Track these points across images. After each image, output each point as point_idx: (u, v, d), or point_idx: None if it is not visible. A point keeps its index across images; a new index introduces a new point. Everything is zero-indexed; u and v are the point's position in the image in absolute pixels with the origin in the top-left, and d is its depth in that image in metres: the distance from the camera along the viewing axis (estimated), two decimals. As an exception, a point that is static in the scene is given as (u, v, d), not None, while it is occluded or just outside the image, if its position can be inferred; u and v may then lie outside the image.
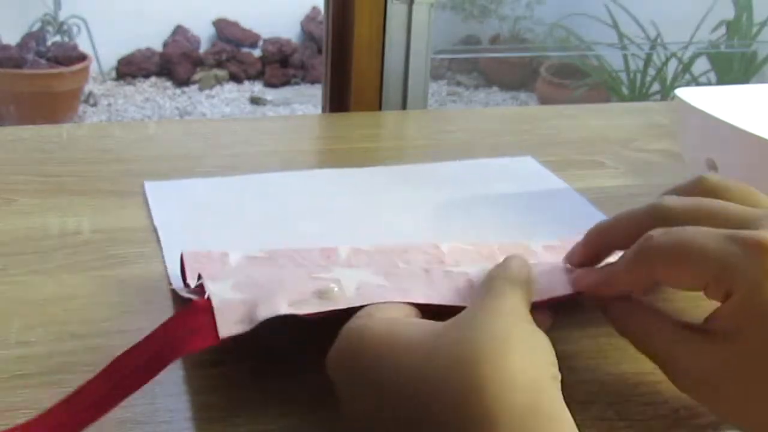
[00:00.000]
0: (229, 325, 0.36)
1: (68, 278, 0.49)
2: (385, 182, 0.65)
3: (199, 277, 0.40)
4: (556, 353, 0.38)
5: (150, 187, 0.61)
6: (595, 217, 0.60)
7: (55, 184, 0.61)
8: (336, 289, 0.38)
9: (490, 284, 0.37)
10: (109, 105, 3.11)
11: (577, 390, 0.41)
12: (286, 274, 0.40)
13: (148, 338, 0.35)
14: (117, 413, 0.38)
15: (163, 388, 0.40)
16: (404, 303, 0.39)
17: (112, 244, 0.53)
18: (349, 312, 0.37)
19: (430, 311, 0.38)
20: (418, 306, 0.39)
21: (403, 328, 0.34)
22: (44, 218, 0.56)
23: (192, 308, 0.37)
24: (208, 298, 0.37)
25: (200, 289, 0.39)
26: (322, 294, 0.38)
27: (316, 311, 0.37)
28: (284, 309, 0.37)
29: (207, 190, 0.61)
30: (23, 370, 0.40)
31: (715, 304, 0.36)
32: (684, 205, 0.38)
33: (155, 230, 0.54)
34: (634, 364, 0.43)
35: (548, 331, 0.37)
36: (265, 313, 0.36)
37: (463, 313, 0.34)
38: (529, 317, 0.35)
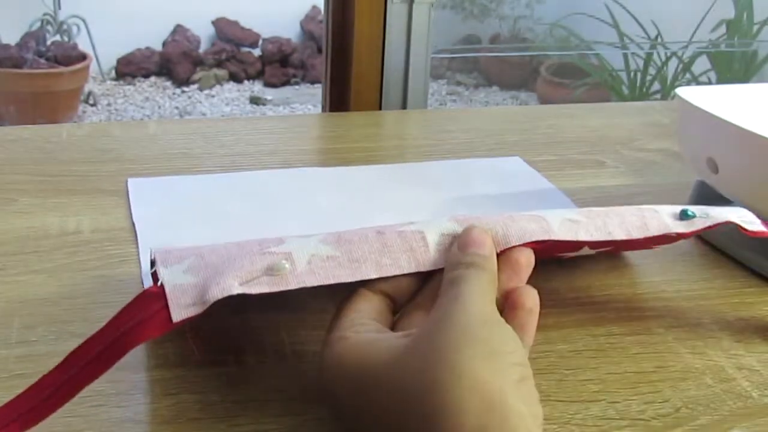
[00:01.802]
0: (181, 310, 0.36)
1: (68, 278, 0.49)
2: (371, 181, 0.65)
3: (153, 263, 0.40)
4: (558, 353, 0.38)
5: (133, 183, 0.61)
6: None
7: (55, 184, 0.61)
8: (287, 265, 0.38)
9: (450, 279, 0.36)
10: (109, 105, 3.11)
11: (579, 389, 0.41)
12: (237, 251, 0.39)
13: (102, 329, 0.35)
14: (117, 413, 0.38)
15: (163, 387, 0.40)
16: (372, 293, 0.38)
17: (111, 243, 0.53)
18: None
19: (399, 280, 0.39)
20: (385, 279, 0.39)
21: (373, 358, 0.34)
22: (44, 218, 0.56)
23: (144, 296, 0.37)
24: (161, 285, 0.37)
25: (155, 276, 0.39)
26: (273, 270, 0.37)
27: (268, 290, 0.37)
28: (235, 289, 0.36)
29: (193, 187, 0.61)
30: (23, 370, 0.40)
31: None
32: None
33: (133, 227, 0.55)
34: (635, 364, 0.43)
35: (549, 330, 0.37)
36: (216, 294, 0.36)
37: (424, 325, 0.34)
38: (489, 309, 0.35)
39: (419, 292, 0.39)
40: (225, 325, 0.44)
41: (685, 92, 0.58)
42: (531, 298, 0.37)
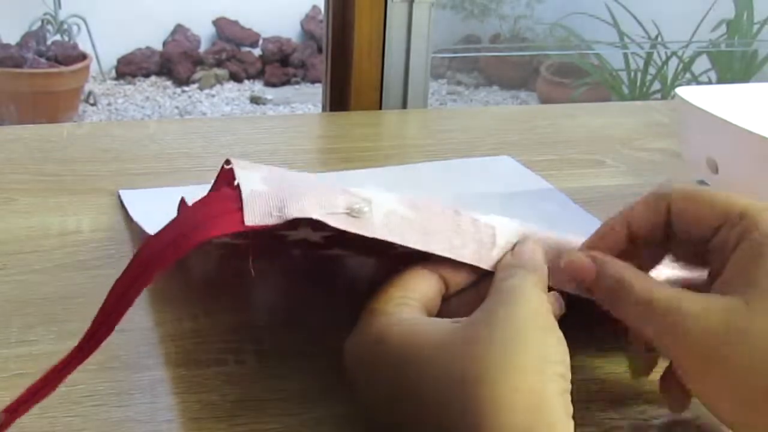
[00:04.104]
0: (255, 215, 0.34)
1: (68, 277, 0.49)
2: (363, 186, 0.63)
3: (228, 162, 0.38)
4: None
5: (126, 195, 0.59)
6: (577, 212, 0.60)
7: (55, 184, 0.61)
8: (366, 209, 0.36)
9: (503, 278, 0.36)
10: (109, 104, 3.11)
11: (578, 389, 0.41)
12: (315, 181, 0.37)
13: (174, 221, 0.34)
14: (118, 413, 0.38)
15: (163, 387, 0.40)
16: (429, 273, 0.38)
17: (111, 243, 0.53)
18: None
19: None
20: (449, 263, 0.38)
21: (418, 339, 0.34)
22: (44, 218, 0.56)
23: (218, 196, 0.35)
24: (237, 186, 0.35)
25: (228, 175, 0.37)
26: (352, 211, 0.36)
27: (344, 228, 0.36)
28: (315, 213, 0.35)
29: (188, 197, 0.59)
30: (23, 369, 0.40)
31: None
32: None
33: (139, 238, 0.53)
34: (635, 364, 0.43)
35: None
36: (295, 211, 0.35)
37: (476, 315, 0.34)
38: (545, 313, 0.34)
39: (473, 286, 0.39)
40: (225, 325, 0.44)
41: (685, 92, 0.58)
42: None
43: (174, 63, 3.31)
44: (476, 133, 0.77)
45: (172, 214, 0.55)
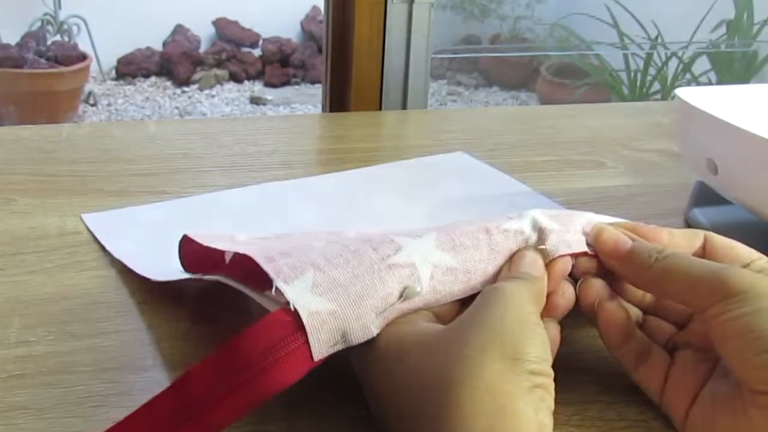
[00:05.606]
0: (321, 346, 0.33)
1: (67, 278, 0.49)
2: (343, 189, 0.63)
3: (258, 272, 0.36)
4: (558, 353, 0.37)
5: (89, 219, 0.56)
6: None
7: (54, 184, 0.61)
8: (418, 288, 0.36)
9: (493, 286, 0.36)
10: (109, 105, 3.11)
11: (578, 390, 0.41)
12: (357, 262, 0.35)
13: (229, 360, 0.32)
14: (117, 413, 0.38)
15: (163, 387, 0.40)
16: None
17: (111, 243, 0.53)
18: None
19: None
20: None
21: (413, 340, 0.34)
22: (44, 218, 0.56)
23: (275, 324, 0.33)
24: (294, 311, 0.33)
25: (259, 281, 0.35)
26: (406, 296, 0.35)
27: (395, 316, 0.35)
28: (374, 325, 0.34)
29: (154, 216, 0.57)
30: (22, 370, 0.40)
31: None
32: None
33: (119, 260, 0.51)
34: (635, 364, 0.43)
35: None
36: (359, 334, 0.34)
37: (459, 318, 0.34)
38: (530, 310, 0.34)
39: None
40: (225, 325, 0.44)
41: (684, 93, 0.58)
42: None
43: (174, 63, 3.31)
44: (476, 134, 0.77)
45: (138, 236, 0.53)
